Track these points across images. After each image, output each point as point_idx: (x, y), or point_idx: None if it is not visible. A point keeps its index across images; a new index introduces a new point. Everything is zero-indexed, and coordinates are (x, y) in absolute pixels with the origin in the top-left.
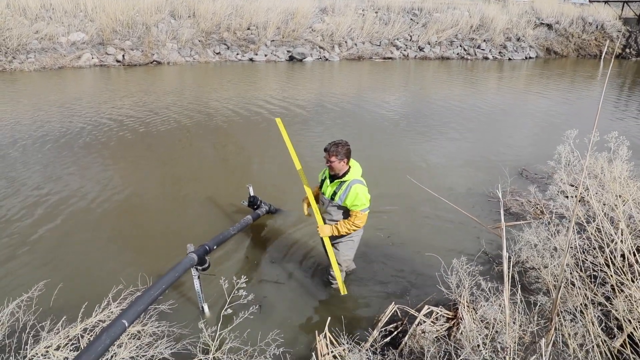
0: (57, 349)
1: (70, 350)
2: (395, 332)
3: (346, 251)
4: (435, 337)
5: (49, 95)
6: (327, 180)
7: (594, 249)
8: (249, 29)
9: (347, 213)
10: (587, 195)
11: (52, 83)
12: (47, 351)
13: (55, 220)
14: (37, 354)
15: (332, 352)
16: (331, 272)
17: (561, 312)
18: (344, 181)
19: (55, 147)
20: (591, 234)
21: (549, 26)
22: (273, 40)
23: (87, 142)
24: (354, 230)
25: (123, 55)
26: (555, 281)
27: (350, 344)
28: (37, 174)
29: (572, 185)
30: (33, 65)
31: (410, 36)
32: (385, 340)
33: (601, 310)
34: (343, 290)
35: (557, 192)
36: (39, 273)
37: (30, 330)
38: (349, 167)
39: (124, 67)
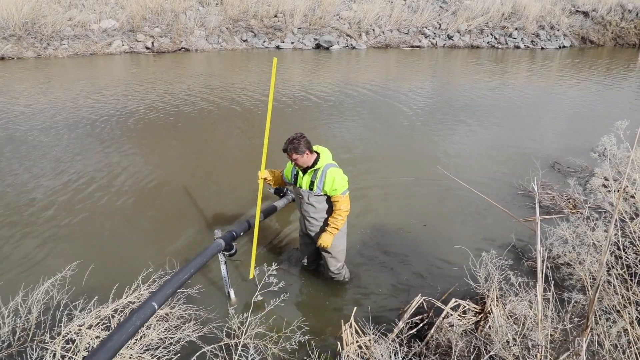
0: (89, 327)
1: (102, 330)
2: (421, 324)
3: (338, 243)
4: (463, 330)
5: (81, 81)
6: (300, 173)
7: (635, 245)
8: (275, 16)
9: (329, 200)
10: (633, 189)
11: (85, 69)
12: (79, 329)
13: (86, 203)
14: (70, 331)
15: (357, 341)
16: (331, 269)
17: (596, 310)
18: (317, 169)
19: (85, 132)
20: (633, 230)
21: (585, 14)
22: (300, 28)
23: (118, 127)
24: (345, 215)
25: (152, 42)
26: (591, 278)
27: (376, 335)
28: (69, 158)
29: (616, 180)
30: (66, 51)
31: (439, 24)
32: (411, 332)
33: (636, 309)
34: (251, 274)
35: (599, 186)
36: (72, 254)
37: (64, 308)
38: (317, 154)
39: (153, 54)
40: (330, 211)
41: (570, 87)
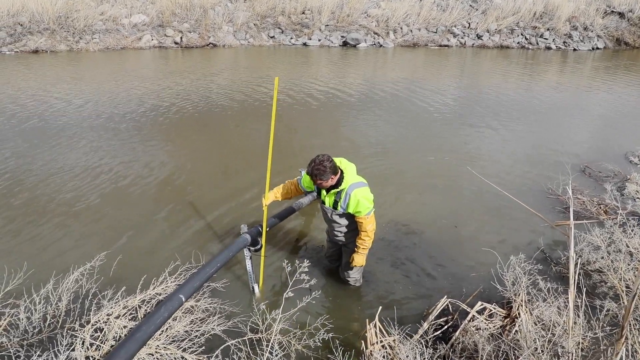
0: (117, 317)
1: (129, 320)
2: (446, 326)
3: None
4: (489, 334)
5: (110, 76)
6: (323, 191)
7: None
8: (303, 13)
9: (352, 217)
10: None
11: (117, 63)
12: (108, 318)
13: (114, 195)
14: (99, 320)
15: (381, 341)
16: (349, 271)
17: (630, 320)
18: (342, 190)
19: (114, 125)
20: None
21: (621, 15)
22: (327, 25)
23: (148, 120)
24: (372, 234)
25: (181, 38)
26: (626, 286)
27: (401, 335)
28: (98, 151)
29: None
30: (97, 45)
31: (469, 23)
32: (436, 334)
33: None
34: (260, 285)
35: (636, 191)
36: (101, 244)
37: (92, 297)
38: (341, 173)
39: (182, 49)
40: (355, 224)
41: (603, 89)
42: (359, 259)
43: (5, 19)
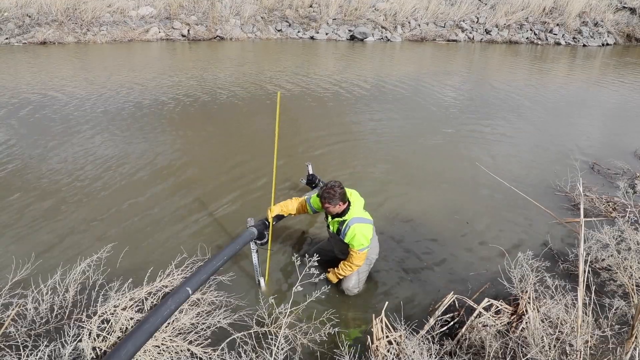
0: (124, 309)
1: (135, 312)
2: (452, 323)
3: (351, 279)
4: (496, 331)
5: (117, 68)
6: (329, 217)
7: None
8: (311, 6)
9: None
10: None
11: (122, 55)
12: (115, 310)
13: (121, 189)
14: (106, 311)
15: (387, 336)
16: (349, 285)
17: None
18: (344, 220)
19: (126, 117)
20: None
21: (632, 10)
22: (335, 19)
23: (158, 113)
24: (356, 268)
25: (188, 30)
26: (636, 285)
27: (407, 330)
28: (108, 143)
29: None
30: (105, 37)
31: (477, 18)
32: (442, 330)
33: None
34: (266, 281)
35: None
36: (107, 236)
37: (99, 289)
38: (348, 204)
39: (189, 41)
40: None
41: (613, 86)
42: (332, 277)
43: (14, 10)
